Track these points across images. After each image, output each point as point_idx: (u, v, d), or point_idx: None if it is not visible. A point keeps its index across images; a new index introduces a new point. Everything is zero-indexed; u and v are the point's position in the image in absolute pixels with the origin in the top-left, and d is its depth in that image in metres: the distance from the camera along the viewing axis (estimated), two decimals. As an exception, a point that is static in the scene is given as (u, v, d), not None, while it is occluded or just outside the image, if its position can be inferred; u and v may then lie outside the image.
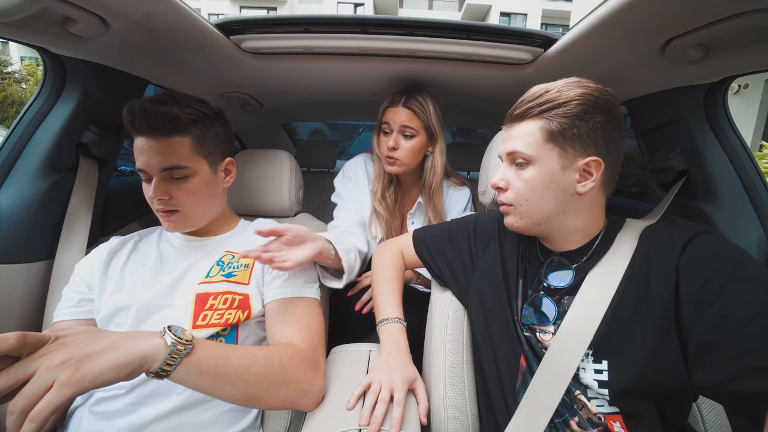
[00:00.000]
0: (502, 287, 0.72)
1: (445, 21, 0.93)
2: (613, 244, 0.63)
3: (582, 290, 0.62)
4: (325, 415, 0.65)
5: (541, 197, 0.62)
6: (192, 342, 0.52)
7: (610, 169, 0.62)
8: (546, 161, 0.61)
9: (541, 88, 0.63)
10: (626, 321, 0.57)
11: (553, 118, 0.59)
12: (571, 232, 0.66)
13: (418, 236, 0.91)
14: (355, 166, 1.31)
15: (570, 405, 0.60)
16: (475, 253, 0.80)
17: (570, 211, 0.63)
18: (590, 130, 0.59)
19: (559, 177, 0.61)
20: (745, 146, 0.85)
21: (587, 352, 0.58)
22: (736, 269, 0.50)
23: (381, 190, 1.23)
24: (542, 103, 0.61)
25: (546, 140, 0.60)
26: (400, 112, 1.13)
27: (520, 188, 0.64)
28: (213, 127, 0.78)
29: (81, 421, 0.66)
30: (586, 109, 0.58)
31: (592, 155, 0.59)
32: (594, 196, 0.63)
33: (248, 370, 0.57)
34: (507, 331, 0.68)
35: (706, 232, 0.56)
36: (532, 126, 0.61)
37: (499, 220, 0.80)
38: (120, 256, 0.79)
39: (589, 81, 0.61)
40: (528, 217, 0.65)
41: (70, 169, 0.91)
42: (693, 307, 0.51)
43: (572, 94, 0.59)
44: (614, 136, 0.61)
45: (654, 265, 0.57)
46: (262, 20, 0.94)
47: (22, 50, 14.61)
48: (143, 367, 0.47)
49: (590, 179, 0.60)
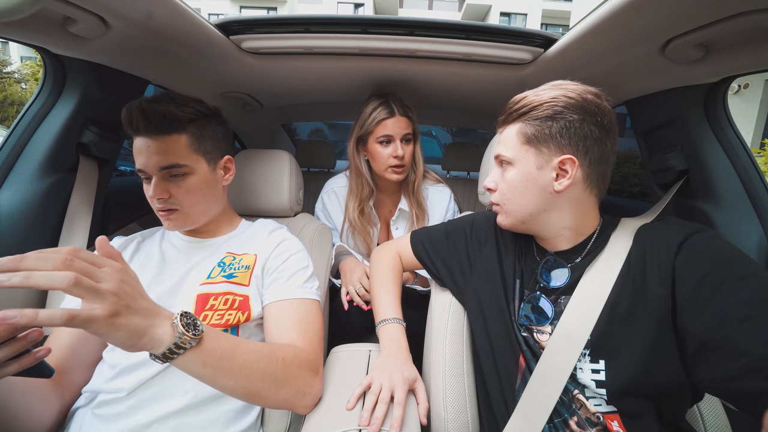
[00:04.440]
0: (500, 288, 0.72)
1: (445, 21, 0.93)
2: (608, 243, 0.64)
3: (578, 289, 0.62)
4: (325, 415, 0.65)
5: (521, 196, 0.66)
6: (200, 335, 0.51)
7: (593, 168, 0.62)
8: (523, 162, 0.64)
9: (524, 94, 0.66)
10: (623, 321, 0.57)
11: (527, 121, 0.63)
12: (559, 230, 0.67)
13: (416, 238, 0.91)
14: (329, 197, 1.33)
15: (569, 405, 0.60)
16: (472, 253, 0.81)
17: (551, 208, 0.65)
18: (562, 129, 0.61)
19: (535, 176, 0.63)
20: (745, 146, 0.85)
21: (584, 352, 0.59)
22: (731, 268, 0.50)
23: (359, 204, 1.24)
24: (520, 107, 0.64)
25: (522, 142, 0.64)
26: (401, 121, 1.15)
27: (503, 188, 0.68)
28: (210, 125, 0.78)
29: (83, 423, 0.65)
30: (557, 111, 0.60)
31: (566, 154, 0.61)
32: (578, 194, 0.64)
33: (251, 366, 0.57)
34: (505, 332, 0.68)
35: (701, 231, 0.57)
36: (512, 130, 0.66)
37: (495, 220, 0.81)
38: (123, 256, 0.79)
39: (570, 83, 0.63)
40: (512, 215, 0.69)
41: (70, 169, 0.91)
42: (689, 306, 0.51)
43: (546, 97, 0.62)
44: (593, 135, 0.61)
45: (650, 264, 0.57)
46: (262, 20, 0.94)
47: (22, 50, 14.61)
48: (146, 347, 0.47)
49: (566, 177, 0.62)
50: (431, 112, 1.74)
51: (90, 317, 0.41)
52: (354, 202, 1.25)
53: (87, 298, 0.42)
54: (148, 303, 0.49)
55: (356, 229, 1.25)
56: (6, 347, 0.43)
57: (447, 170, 1.97)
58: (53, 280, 0.40)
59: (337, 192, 1.32)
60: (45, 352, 0.47)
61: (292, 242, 0.85)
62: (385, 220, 1.32)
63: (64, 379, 0.68)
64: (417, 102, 1.32)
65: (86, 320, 0.41)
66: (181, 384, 0.66)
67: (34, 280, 0.39)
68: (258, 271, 0.78)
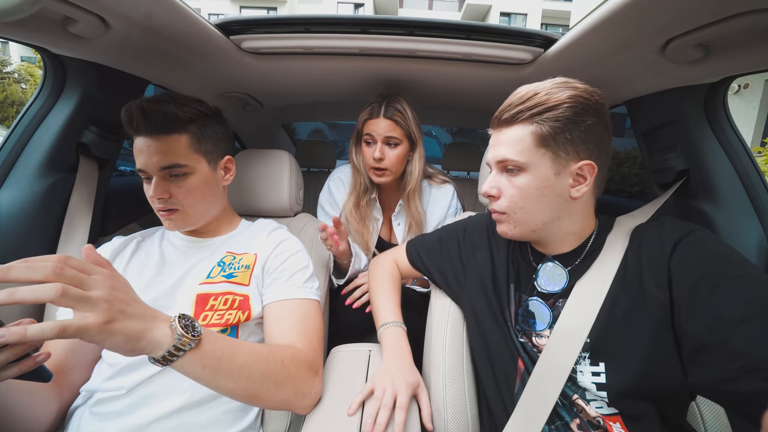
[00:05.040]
0: (494, 293, 0.71)
1: (445, 21, 0.93)
2: (605, 244, 0.63)
3: (575, 290, 0.62)
4: (325, 415, 0.65)
5: (536, 204, 0.61)
6: (199, 337, 0.51)
7: (602, 171, 0.61)
8: (539, 167, 0.59)
9: (529, 90, 0.60)
10: (622, 323, 0.57)
11: (544, 122, 0.57)
12: (565, 235, 0.65)
13: (411, 247, 0.91)
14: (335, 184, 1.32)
15: (570, 407, 0.60)
16: (466, 259, 0.80)
17: (564, 215, 0.62)
18: (582, 133, 0.57)
19: (553, 183, 0.59)
20: (745, 146, 0.85)
21: (584, 355, 0.58)
22: (727, 269, 0.50)
23: (355, 201, 1.23)
24: (532, 106, 0.58)
25: (538, 145, 0.58)
26: (382, 123, 1.12)
27: (513, 196, 0.61)
28: (211, 125, 0.79)
29: (81, 421, 0.65)
30: (577, 112, 0.57)
31: (585, 159, 0.58)
32: (587, 199, 0.63)
33: (250, 368, 0.57)
34: (502, 337, 0.68)
35: (696, 232, 0.56)
36: (523, 131, 0.59)
37: (488, 225, 0.80)
38: (123, 256, 0.79)
39: (576, 82, 0.60)
40: (523, 224, 0.63)
41: (70, 169, 0.91)
42: (686, 308, 0.51)
43: (563, 97, 0.57)
44: (604, 138, 0.60)
45: (646, 266, 0.57)
46: (262, 20, 0.94)
47: (22, 50, 14.60)
48: (145, 351, 0.47)
49: (584, 183, 0.59)
50: (431, 112, 1.74)
51: (82, 326, 0.40)
52: (352, 197, 1.24)
53: (77, 308, 0.41)
54: (143, 307, 0.48)
55: (352, 226, 1.23)
56: (6, 351, 0.42)
57: (447, 170, 1.97)
58: (39, 294, 0.39)
59: (343, 180, 1.31)
60: (45, 356, 0.47)
61: (292, 242, 0.85)
62: (388, 215, 1.32)
63: (63, 379, 0.68)
64: (417, 102, 1.31)
65: (79, 330, 0.40)
66: (180, 382, 0.66)
67: (20, 295, 0.38)
68: (258, 270, 0.78)
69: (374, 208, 1.29)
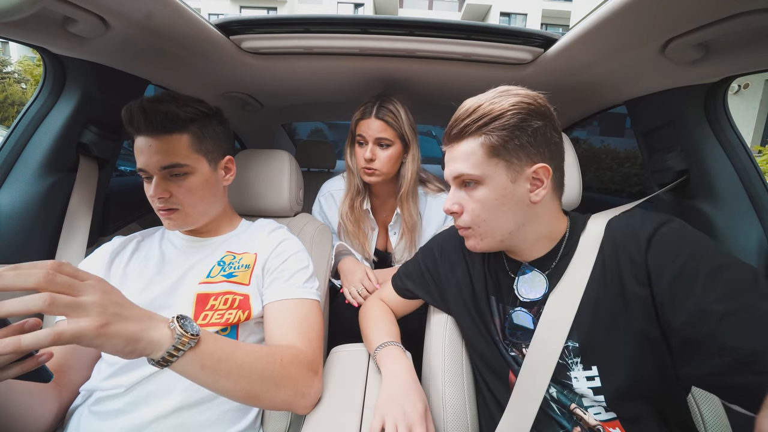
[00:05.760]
0: (474, 311, 0.71)
1: (445, 21, 0.93)
2: (579, 243, 0.63)
3: (552, 296, 0.62)
4: (324, 415, 0.65)
5: (498, 215, 0.61)
6: (198, 336, 0.51)
7: (557, 172, 0.62)
8: (495, 177, 0.59)
9: (473, 102, 0.61)
10: (608, 323, 0.56)
11: (491, 132, 0.58)
12: (536, 240, 0.65)
13: (395, 279, 0.91)
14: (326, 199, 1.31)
15: (569, 416, 0.60)
16: (445, 276, 0.79)
17: (528, 221, 0.62)
18: (531, 137, 0.58)
19: (511, 190, 0.59)
20: (745, 146, 0.85)
21: (575, 360, 0.58)
22: (703, 261, 0.50)
23: (349, 203, 1.22)
24: (478, 118, 0.59)
25: (490, 156, 0.59)
26: (373, 123, 1.10)
27: (474, 210, 0.62)
28: (211, 125, 0.79)
29: (80, 420, 0.65)
30: (522, 118, 0.57)
31: (538, 162, 0.59)
32: (549, 200, 0.63)
33: (249, 368, 0.56)
34: (490, 352, 0.68)
35: (668, 223, 0.56)
36: (473, 144, 0.60)
37: (460, 239, 0.78)
38: (123, 255, 0.79)
39: (518, 88, 0.61)
40: (489, 236, 0.63)
41: (70, 169, 0.91)
42: (669, 304, 0.51)
43: (506, 105, 0.58)
44: (554, 140, 0.61)
45: (623, 262, 0.57)
46: (262, 20, 0.94)
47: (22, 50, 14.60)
48: (145, 352, 0.47)
49: (542, 186, 0.60)
50: (431, 112, 1.74)
51: (77, 331, 0.40)
52: (346, 200, 1.23)
53: (70, 314, 0.41)
54: (138, 309, 0.48)
55: (348, 230, 1.23)
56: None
57: None
58: (28, 305, 0.38)
59: (334, 195, 1.30)
60: (47, 356, 0.47)
61: (292, 242, 0.85)
62: (384, 225, 1.31)
63: (63, 379, 0.68)
64: (417, 102, 1.31)
65: (74, 335, 0.40)
66: (179, 380, 0.66)
67: (7, 308, 0.38)
68: (258, 270, 0.78)
69: (368, 218, 1.26)
